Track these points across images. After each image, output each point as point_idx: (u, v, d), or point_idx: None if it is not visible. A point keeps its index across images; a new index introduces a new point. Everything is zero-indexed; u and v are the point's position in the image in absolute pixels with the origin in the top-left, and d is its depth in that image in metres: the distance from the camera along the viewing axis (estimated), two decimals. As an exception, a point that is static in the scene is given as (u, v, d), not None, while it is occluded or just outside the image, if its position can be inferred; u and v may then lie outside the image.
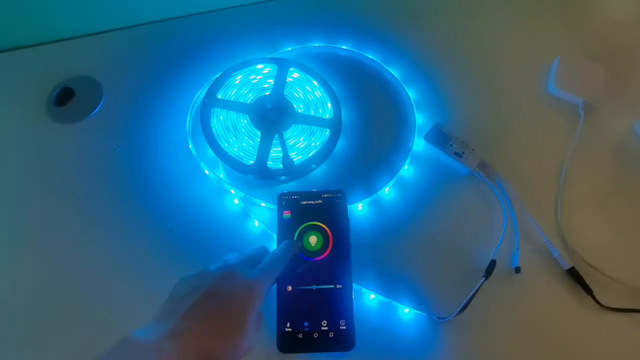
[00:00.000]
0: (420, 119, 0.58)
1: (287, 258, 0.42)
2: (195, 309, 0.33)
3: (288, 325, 0.42)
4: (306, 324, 0.42)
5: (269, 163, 0.54)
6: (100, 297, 0.49)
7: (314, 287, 0.44)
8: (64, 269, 0.51)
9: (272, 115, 0.57)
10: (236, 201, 0.54)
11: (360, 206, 0.53)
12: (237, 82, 0.59)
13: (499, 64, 0.62)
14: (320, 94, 0.59)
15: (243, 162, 0.54)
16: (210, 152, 0.55)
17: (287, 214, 0.48)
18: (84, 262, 0.51)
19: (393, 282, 0.49)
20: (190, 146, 0.56)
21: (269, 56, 0.62)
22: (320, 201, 0.48)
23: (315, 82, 0.59)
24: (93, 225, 0.53)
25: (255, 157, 0.55)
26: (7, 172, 0.57)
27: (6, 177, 0.56)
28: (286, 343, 0.42)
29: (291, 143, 0.56)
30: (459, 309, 0.46)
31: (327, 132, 0.56)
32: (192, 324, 0.32)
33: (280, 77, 0.59)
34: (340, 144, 0.57)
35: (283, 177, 0.55)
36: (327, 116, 0.57)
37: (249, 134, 0.56)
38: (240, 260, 0.39)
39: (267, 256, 0.41)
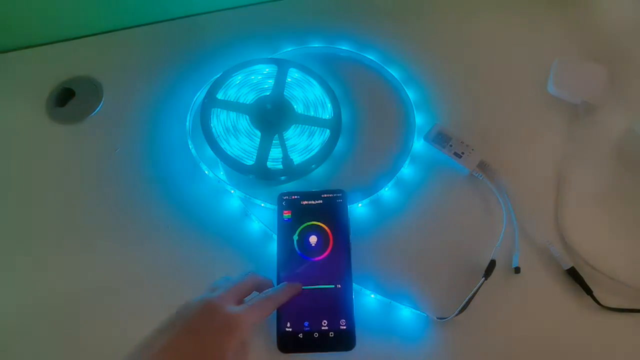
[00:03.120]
0: (420, 119, 0.58)
1: (282, 301, 0.41)
2: (171, 345, 0.32)
3: (288, 325, 0.42)
4: (306, 323, 0.42)
5: (269, 163, 0.54)
6: (99, 296, 0.49)
7: (314, 287, 0.44)
8: (63, 268, 0.51)
9: (272, 116, 0.57)
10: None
11: (360, 206, 0.53)
12: (237, 82, 0.59)
13: (499, 64, 0.62)
14: (320, 94, 0.59)
15: (243, 162, 0.54)
16: (210, 152, 0.55)
17: (287, 214, 0.48)
18: (82, 262, 0.51)
19: (393, 281, 0.49)
20: (190, 146, 0.56)
21: (269, 56, 0.62)
22: (321, 201, 0.48)
23: (315, 82, 0.59)
24: (92, 226, 0.53)
25: (255, 157, 0.55)
26: (7, 172, 0.57)
27: (5, 177, 0.56)
28: (286, 343, 0.42)
29: (291, 143, 0.56)
30: (459, 309, 0.46)
31: (327, 132, 0.56)
32: None
33: (280, 78, 0.59)
34: (340, 144, 0.57)
35: (283, 178, 0.55)
36: (327, 116, 0.57)
37: (249, 134, 0.56)
38: (225, 292, 0.37)
39: (262, 294, 0.40)
